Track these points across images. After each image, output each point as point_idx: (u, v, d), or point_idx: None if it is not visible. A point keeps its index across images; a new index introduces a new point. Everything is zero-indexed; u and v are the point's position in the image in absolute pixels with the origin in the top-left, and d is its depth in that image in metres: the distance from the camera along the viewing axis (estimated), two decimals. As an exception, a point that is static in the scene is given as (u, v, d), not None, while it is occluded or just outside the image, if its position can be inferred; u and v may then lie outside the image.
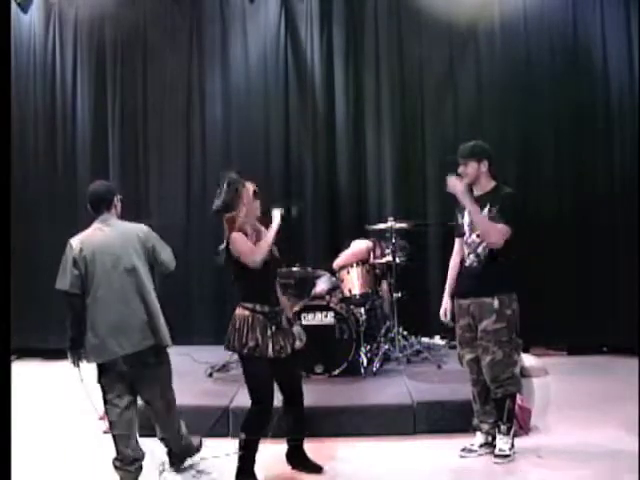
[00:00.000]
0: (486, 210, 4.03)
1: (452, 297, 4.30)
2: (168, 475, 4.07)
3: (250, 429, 3.78)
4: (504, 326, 3.97)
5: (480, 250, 4.06)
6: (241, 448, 3.79)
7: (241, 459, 3.81)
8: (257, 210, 3.89)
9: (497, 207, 4.00)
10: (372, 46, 6.95)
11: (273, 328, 3.76)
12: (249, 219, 3.83)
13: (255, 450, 3.81)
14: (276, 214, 3.86)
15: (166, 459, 4.12)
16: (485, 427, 4.15)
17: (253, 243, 3.78)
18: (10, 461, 3.06)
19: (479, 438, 4.18)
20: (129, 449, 3.73)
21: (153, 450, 4.12)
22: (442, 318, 4.32)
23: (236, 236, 3.74)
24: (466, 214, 4.15)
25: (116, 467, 3.75)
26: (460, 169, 4.16)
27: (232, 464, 3.87)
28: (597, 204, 6.61)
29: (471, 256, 4.11)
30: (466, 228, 4.15)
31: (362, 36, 6.98)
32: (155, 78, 7.09)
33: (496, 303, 3.97)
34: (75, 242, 3.77)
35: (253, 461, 3.83)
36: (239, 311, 3.79)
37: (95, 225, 3.87)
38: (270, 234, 3.78)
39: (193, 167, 7.10)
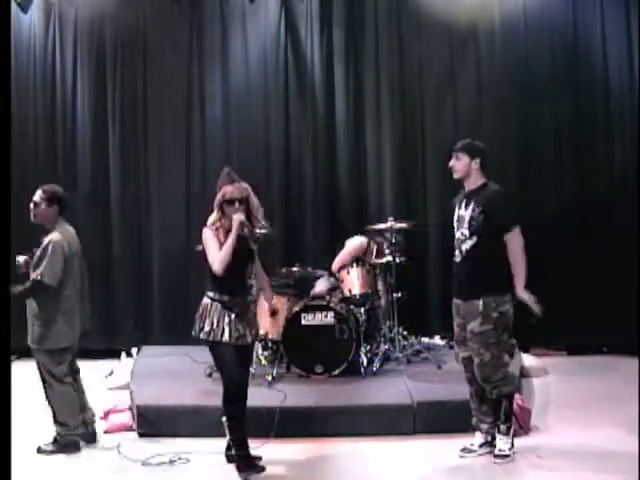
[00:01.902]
0: (470, 208, 4.05)
1: None
2: (162, 471, 4.07)
3: (227, 411, 3.90)
4: (490, 328, 3.96)
5: (464, 247, 4.06)
6: (228, 432, 3.92)
7: (235, 445, 3.90)
8: (233, 217, 3.84)
9: (481, 207, 4.01)
10: (372, 46, 6.95)
11: (232, 316, 3.88)
12: (222, 223, 3.88)
13: (243, 433, 3.89)
14: (235, 218, 3.83)
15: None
16: (484, 427, 4.15)
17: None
18: (10, 461, 3.06)
19: (479, 438, 4.17)
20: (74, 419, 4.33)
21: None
22: None
23: (206, 233, 3.88)
24: (457, 209, 4.16)
25: (60, 435, 4.30)
26: (451, 162, 4.20)
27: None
28: (597, 204, 6.61)
29: (456, 252, 4.12)
30: (455, 224, 4.15)
31: (362, 36, 6.98)
32: (155, 78, 7.07)
33: (480, 305, 3.96)
34: (63, 240, 4.20)
35: (246, 445, 3.90)
36: (203, 299, 3.98)
37: (62, 225, 4.31)
38: (229, 241, 3.80)
39: (193, 167, 7.10)
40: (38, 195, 4.32)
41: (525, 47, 6.76)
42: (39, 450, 4.34)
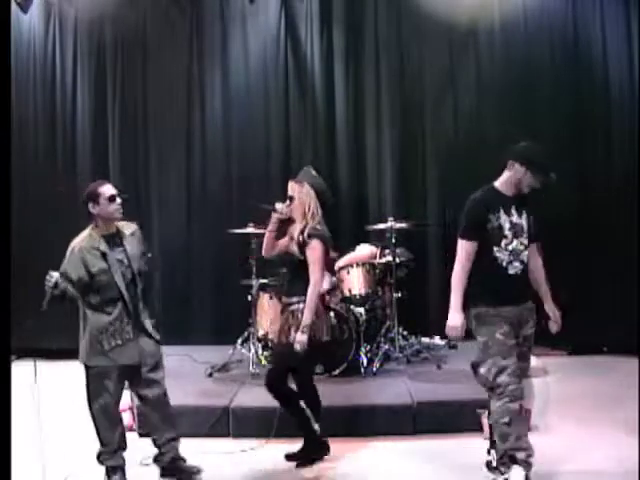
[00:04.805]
0: (525, 216, 3.83)
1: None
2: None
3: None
4: (534, 331, 3.85)
5: (524, 257, 3.80)
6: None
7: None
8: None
9: (532, 216, 3.85)
10: (372, 46, 6.95)
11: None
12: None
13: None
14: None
15: None
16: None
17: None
18: (10, 461, 3.06)
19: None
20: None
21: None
22: (454, 334, 3.79)
23: None
24: (502, 215, 3.73)
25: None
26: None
27: (231, 464, 3.87)
28: (597, 204, 6.61)
29: (515, 263, 3.76)
30: (507, 232, 3.73)
31: (362, 36, 6.98)
32: (155, 78, 7.08)
33: (533, 307, 3.85)
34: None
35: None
36: None
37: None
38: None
39: (193, 167, 7.10)
40: (113, 189, 3.92)
41: (525, 47, 6.75)
42: None
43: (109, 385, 3.76)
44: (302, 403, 4.13)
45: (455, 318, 3.76)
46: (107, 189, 3.84)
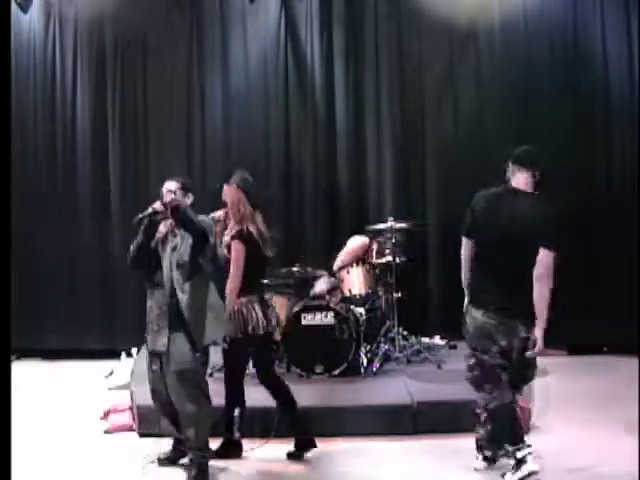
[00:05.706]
0: None
1: None
2: (162, 471, 4.07)
3: None
4: None
5: None
6: None
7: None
8: None
9: None
10: (372, 46, 6.95)
11: None
12: None
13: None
14: None
15: None
16: None
17: None
18: (10, 461, 3.05)
19: None
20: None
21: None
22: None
23: None
24: None
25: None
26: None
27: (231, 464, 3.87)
28: (597, 204, 6.61)
29: None
30: None
31: (362, 36, 6.97)
32: (155, 78, 7.07)
33: None
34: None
35: None
36: None
37: None
38: None
39: (193, 167, 7.09)
40: (172, 185, 4.28)
41: (525, 47, 6.76)
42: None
43: (148, 368, 4.01)
44: (236, 411, 4.20)
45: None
46: (164, 186, 4.27)
